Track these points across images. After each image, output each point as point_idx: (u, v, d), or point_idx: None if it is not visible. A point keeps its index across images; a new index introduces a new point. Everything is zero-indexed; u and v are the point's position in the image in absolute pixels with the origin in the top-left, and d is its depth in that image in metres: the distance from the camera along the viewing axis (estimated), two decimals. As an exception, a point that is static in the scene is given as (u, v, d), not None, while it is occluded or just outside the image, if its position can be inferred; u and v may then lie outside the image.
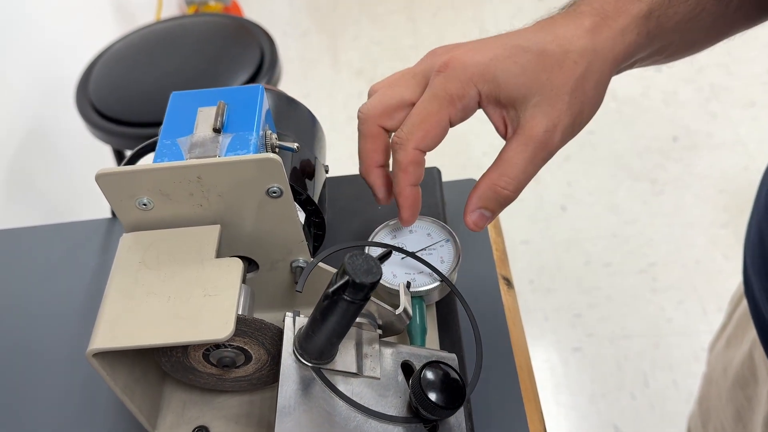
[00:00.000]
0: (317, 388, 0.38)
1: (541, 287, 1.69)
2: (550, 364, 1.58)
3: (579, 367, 1.55)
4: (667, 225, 1.74)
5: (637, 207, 1.81)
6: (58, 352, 0.56)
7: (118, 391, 0.41)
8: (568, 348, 1.59)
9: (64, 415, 0.52)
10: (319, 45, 2.42)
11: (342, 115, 2.16)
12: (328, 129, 2.27)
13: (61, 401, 0.53)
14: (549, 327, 1.63)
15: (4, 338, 0.59)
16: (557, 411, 1.51)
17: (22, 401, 0.54)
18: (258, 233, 0.45)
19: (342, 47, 2.39)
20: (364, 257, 0.34)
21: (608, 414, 1.48)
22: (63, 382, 0.54)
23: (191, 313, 0.39)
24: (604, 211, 1.83)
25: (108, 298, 0.40)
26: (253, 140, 0.43)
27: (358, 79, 2.26)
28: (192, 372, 0.45)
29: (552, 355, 1.58)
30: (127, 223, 0.43)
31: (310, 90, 2.25)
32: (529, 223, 1.83)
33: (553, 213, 1.85)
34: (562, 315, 1.63)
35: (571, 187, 1.90)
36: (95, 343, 0.38)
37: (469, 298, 0.55)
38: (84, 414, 0.52)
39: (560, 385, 1.54)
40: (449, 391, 0.37)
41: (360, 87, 2.23)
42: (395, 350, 0.42)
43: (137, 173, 0.40)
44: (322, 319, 0.36)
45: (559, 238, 1.79)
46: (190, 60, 1.22)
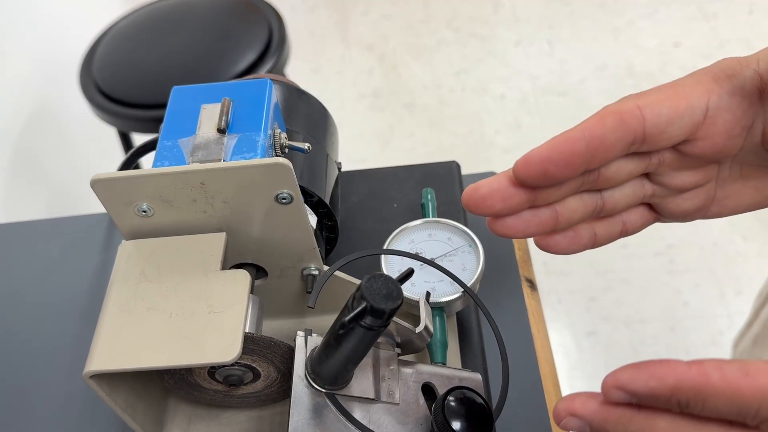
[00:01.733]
0: (331, 416, 0.35)
1: (555, 269, 1.66)
2: (564, 348, 1.55)
3: (593, 352, 1.53)
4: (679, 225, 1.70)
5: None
6: (60, 350, 0.54)
7: (118, 410, 0.38)
8: (582, 332, 1.57)
9: (65, 418, 0.50)
10: (328, 20, 2.36)
11: (352, 91, 2.11)
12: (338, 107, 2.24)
13: (61, 403, 0.50)
14: (563, 310, 1.61)
15: (5, 333, 0.56)
16: (572, 396, 1.48)
17: (20, 402, 0.51)
18: (266, 240, 0.42)
19: (352, 22, 2.33)
20: (384, 279, 0.31)
21: (623, 400, 1.45)
22: (64, 382, 0.52)
23: (195, 332, 0.36)
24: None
25: (106, 314, 0.37)
26: (261, 141, 0.39)
27: (368, 55, 2.21)
28: (197, 389, 0.42)
29: (566, 339, 1.56)
30: (126, 230, 0.40)
31: (319, 66, 2.20)
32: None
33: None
34: (576, 298, 1.60)
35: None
36: (92, 365, 0.35)
37: (490, 303, 0.52)
38: (85, 418, 0.49)
39: (575, 369, 1.52)
40: (474, 419, 0.34)
41: (371, 63, 2.17)
42: (415, 370, 0.39)
43: (135, 179, 0.37)
44: (337, 345, 0.33)
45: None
46: (197, 38, 1.18)
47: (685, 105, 0.30)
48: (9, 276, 0.61)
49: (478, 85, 2.05)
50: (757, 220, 1.64)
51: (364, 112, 2.06)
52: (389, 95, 2.08)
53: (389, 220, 0.52)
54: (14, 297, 0.59)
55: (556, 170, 0.29)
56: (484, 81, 2.05)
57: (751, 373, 0.24)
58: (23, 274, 0.60)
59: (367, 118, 2.04)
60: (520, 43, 2.13)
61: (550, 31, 2.15)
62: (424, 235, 0.47)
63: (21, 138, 1.27)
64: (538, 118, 1.93)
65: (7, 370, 0.54)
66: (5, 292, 0.59)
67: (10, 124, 1.26)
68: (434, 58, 2.15)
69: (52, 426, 0.50)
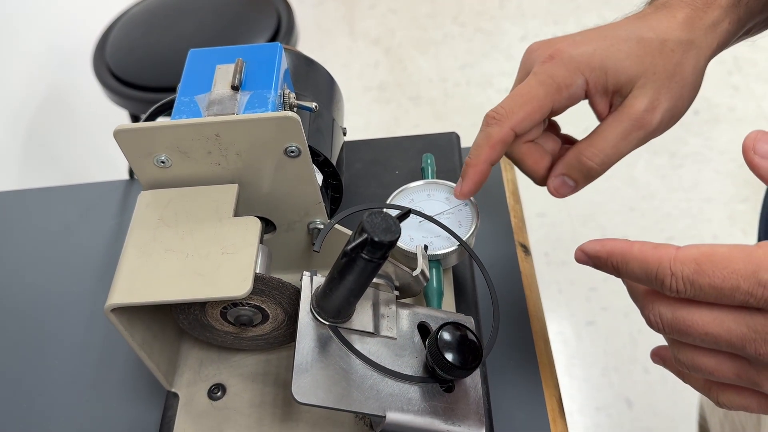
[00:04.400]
0: (334, 347, 0.38)
1: (556, 259, 1.68)
2: (563, 336, 1.58)
3: (592, 341, 1.55)
4: (685, 200, 1.72)
5: (656, 181, 1.78)
6: (77, 309, 0.57)
7: (135, 346, 0.41)
8: (582, 321, 1.59)
9: (82, 370, 0.53)
10: (335, 13, 2.39)
11: (358, 84, 2.14)
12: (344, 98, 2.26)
13: (80, 357, 0.54)
14: (563, 300, 1.63)
15: (25, 295, 0.59)
16: (570, 383, 1.51)
17: (42, 356, 0.54)
18: (275, 193, 0.45)
19: (358, 16, 2.36)
20: (383, 216, 0.34)
21: (621, 387, 1.48)
22: (82, 339, 0.55)
23: (209, 270, 0.39)
24: (622, 184, 1.81)
25: (126, 254, 0.40)
26: (272, 98, 0.42)
27: (374, 48, 2.24)
28: (209, 330, 0.45)
29: (565, 328, 1.58)
30: (146, 180, 0.43)
31: (326, 59, 2.21)
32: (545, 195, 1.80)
33: (570, 186, 1.83)
34: (576, 288, 1.63)
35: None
36: (113, 299, 0.38)
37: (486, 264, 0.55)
38: (102, 370, 0.52)
39: (573, 357, 1.54)
40: (466, 352, 0.37)
41: (377, 56, 2.20)
42: (412, 311, 0.42)
43: (155, 130, 0.40)
44: (340, 278, 0.36)
45: (575, 211, 1.77)
46: (207, 25, 1.21)
47: (539, 116, 0.43)
48: (30, 237, 0.64)
49: (483, 79, 2.07)
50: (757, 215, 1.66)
51: (369, 105, 2.09)
52: (395, 88, 2.11)
53: (391, 186, 0.55)
54: (34, 256, 0.62)
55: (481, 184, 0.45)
56: (488, 75, 2.08)
57: (660, 247, 0.32)
58: (43, 236, 0.64)
59: (373, 110, 2.07)
60: (526, 37, 2.16)
61: (556, 27, 2.17)
62: (423, 195, 0.50)
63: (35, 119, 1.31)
64: (541, 112, 1.95)
65: (29, 322, 0.57)
66: (26, 252, 0.63)
67: (25, 105, 1.29)
68: (440, 52, 2.18)
69: (69, 370, 0.53)
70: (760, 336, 0.30)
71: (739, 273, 0.29)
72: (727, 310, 0.31)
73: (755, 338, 0.30)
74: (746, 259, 0.30)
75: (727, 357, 0.33)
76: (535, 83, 0.42)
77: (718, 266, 0.30)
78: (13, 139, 1.26)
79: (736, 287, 0.30)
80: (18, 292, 0.60)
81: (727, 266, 0.30)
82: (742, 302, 0.30)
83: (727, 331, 0.31)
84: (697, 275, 0.31)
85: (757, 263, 0.29)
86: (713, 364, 0.33)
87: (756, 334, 0.30)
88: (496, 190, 0.61)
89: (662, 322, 0.33)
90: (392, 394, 0.37)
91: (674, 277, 0.31)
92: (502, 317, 0.53)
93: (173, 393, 0.46)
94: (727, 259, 0.30)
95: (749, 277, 0.29)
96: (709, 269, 0.30)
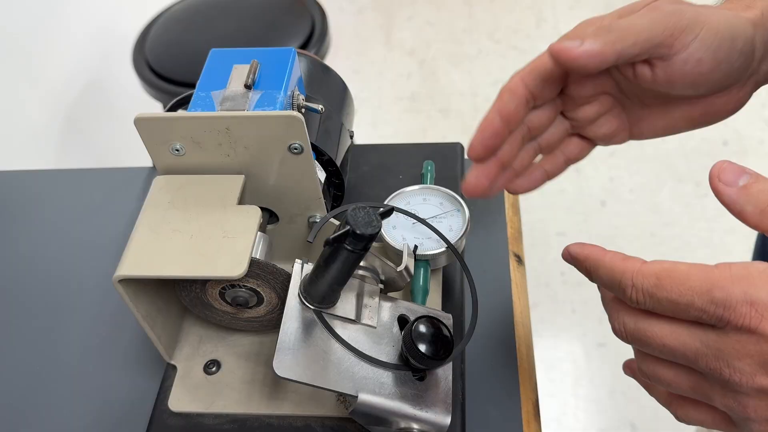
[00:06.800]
0: (317, 330, 0.41)
1: (571, 279, 1.69)
2: (572, 356, 1.58)
3: (602, 363, 1.56)
4: (707, 229, 1.72)
5: (679, 209, 1.78)
6: (93, 283, 0.61)
7: (139, 317, 0.45)
8: (593, 342, 1.60)
9: (93, 339, 0.57)
10: (373, 23, 2.44)
11: (390, 93, 2.17)
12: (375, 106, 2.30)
13: (92, 328, 0.58)
14: (576, 320, 1.64)
15: (47, 267, 0.64)
16: (575, 404, 1.52)
17: (57, 324, 0.59)
18: (279, 187, 0.48)
19: (396, 26, 2.40)
20: (366, 211, 0.37)
21: (626, 411, 1.48)
22: (96, 311, 0.59)
23: (210, 251, 0.42)
24: (645, 210, 1.81)
25: (137, 232, 0.44)
26: (280, 98, 0.46)
27: (409, 59, 2.28)
28: (209, 308, 0.48)
29: (575, 348, 1.59)
30: (161, 166, 0.47)
31: (361, 66, 2.27)
32: (566, 215, 1.83)
33: (592, 207, 1.84)
34: (590, 309, 1.63)
35: (613, 183, 1.89)
36: (121, 270, 0.42)
37: (478, 270, 0.58)
38: (111, 341, 0.57)
39: (581, 378, 1.55)
40: (438, 344, 0.40)
41: (410, 67, 2.24)
42: (394, 304, 0.45)
43: (172, 120, 0.44)
44: (325, 266, 0.39)
45: (595, 232, 1.78)
46: (244, 25, 1.26)
47: (550, 67, 0.41)
48: (58, 215, 0.68)
49: (513, 96, 2.09)
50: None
51: (400, 114, 2.12)
52: (426, 99, 2.14)
53: (393, 189, 0.58)
54: (60, 233, 0.67)
55: (491, 142, 0.42)
56: (519, 92, 2.10)
57: (629, 259, 0.34)
58: (70, 214, 0.68)
59: (403, 119, 2.10)
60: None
61: (590, 49, 2.18)
62: (419, 198, 0.53)
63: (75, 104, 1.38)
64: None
65: (49, 292, 0.61)
66: (52, 228, 0.67)
67: (67, 91, 1.36)
68: (473, 67, 2.21)
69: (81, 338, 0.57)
70: (711, 351, 0.32)
71: (694, 290, 0.32)
72: (684, 325, 0.33)
73: (707, 353, 0.32)
74: (703, 278, 0.32)
75: (684, 370, 0.35)
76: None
77: (675, 282, 0.32)
78: (54, 121, 1.32)
79: (690, 303, 0.32)
80: (41, 264, 0.64)
81: (684, 283, 0.32)
82: (696, 318, 0.32)
83: (683, 345, 0.33)
84: (656, 289, 0.33)
85: (712, 282, 0.31)
86: (671, 375, 0.35)
87: (708, 349, 0.32)
88: (497, 202, 0.64)
89: (625, 331, 0.36)
90: (366, 377, 0.40)
91: (635, 289, 0.34)
92: (488, 321, 0.55)
93: (172, 365, 0.50)
94: (685, 276, 0.32)
95: (703, 294, 0.31)
96: (667, 284, 0.33)
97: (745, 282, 0.31)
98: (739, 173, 0.35)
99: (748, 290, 0.31)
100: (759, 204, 0.34)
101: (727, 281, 0.31)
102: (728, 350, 0.31)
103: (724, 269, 0.32)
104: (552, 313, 1.67)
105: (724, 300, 0.31)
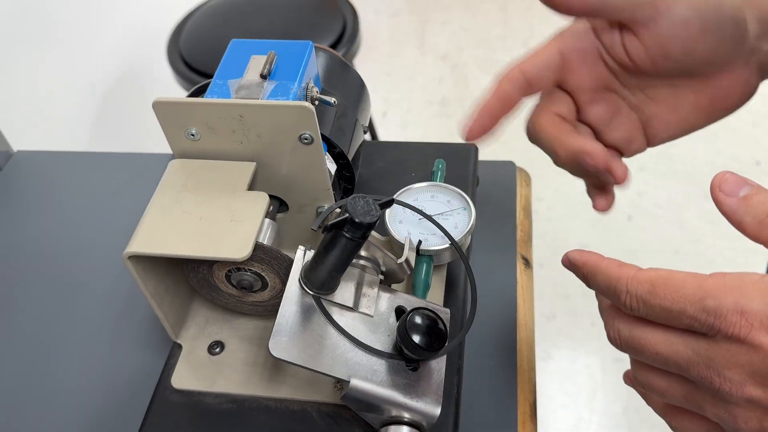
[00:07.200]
0: (315, 315, 0.42)
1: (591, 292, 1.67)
2: (589, 369, 1.57)
3: (618, 377, 1.54)
4: (731, 249, 1.69)
5: (706, 226, 1.76)
6: (110, 263, 0.63)
7: (147, 294, 0.47)
8: (610, 357, 1.58)
9: (105, 316, 0.59)
10: (408, 26, 2.45)
11: (420, 97, 2.18)
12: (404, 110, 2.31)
13: (105, 305, 0.60)
14: (595, 333, 1.63)
15: (67, 245, 0.66)
16: (589, 417, 1.50)
17: (73, 299, 0.61)
18: (290, 176, 0.49)
19: (430, 31, 2.41)
20: (366, 200, 0.38)
21: (639, 428, 1.46)
22: (110, 289, 0.61)
23: (217, 233, 0.44)
24: (670, 226, 1.79)
25: (149, 212, 0.46)
26: (294, 89, 0.47)
27: (441, 63, 2.28)
28: (215, 290, 0.50)
29: (593, 361, 1.58)
30: (176, 150, 0.49)
31: (393, 69, 2.29)
32: (591, 227, 1.82)
33: (617, 221, 1.83)
34: (609, 323, 1.62)
35: (641, 198, 1.87)
36: (131, 247, 0.43)
37: (484, 270, 0.59)
38: (122, 318, 0.58)
39: (596, 391, 1.53)
40: (432, 336, 0.40)
41: (442, 71, 2.25)
42: (393, 296, 0.45)
43: (188, 105, 0.45)
44: (324, 253, 0.40)
45: (619, 246, 1.76)
46: (277, 23, 1.28)
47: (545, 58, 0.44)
48: (84, 194, 0.71)
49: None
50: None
51: (430, 119, 2.13)
52: (456, 104, 2.15)
53: (405, 185, 0.59)
54: (83, 212, 0.69)
55: (488, 123, 0.45)
56: (550, 101, 2.09)
57: (625, 266, 0.35)
58: (94, 195, 0.71)
59: (432, 124, 2.11)
60: (592, 69, 2.16)
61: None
62: (427, 195, 0.54)
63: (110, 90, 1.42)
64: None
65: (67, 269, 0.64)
66: (76, 207, 0.70)
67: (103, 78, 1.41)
68: (505, 74, 2.20)
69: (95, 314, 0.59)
70: (702, 360, 0.32)
71: (687, 298, 0.32)
72: (677, 333, 0.33)
73: (698, 362, 0.32)
74: (696, 286, 0.32)
75: (677, 378, 0.35)
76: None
77: (669, 289, 0.33)
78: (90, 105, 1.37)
79: (682, 311, 0.32)
80: (61, 241, 0.66)
81: (678, 290, 0.32)
82: (688, 326, 0.32)
83: (675, 353, 0.33)
84: (650, 296, 0.33)
85: (706, 291, 0.32)
86: (665, 384, 0.36)
87: (699, 357, 0.32)
88: (508, 205, 0.65)
89: (620, 338, 0.36)
90: (359, 363, 0.41)
91: (629, 295, 0.34)
92: (492, 321, 0.56)
93: (178, 344, 0.52)
94: (679, 284, 0.33)
95: (696, 302, 0.32)
96: (661, 291, 0.33)
97: (737, 291, 0.31)
98: (740, 184, 0.35)
99: (740, 300, 0.31)
100: (758, 215, 0.35)
101: (719, 290, 0.32)
102: (719, 359, 0.32)
103: (718, 278, 0.32)
104: (570, 326, 1.66)
105: (715, 308, 0.31)
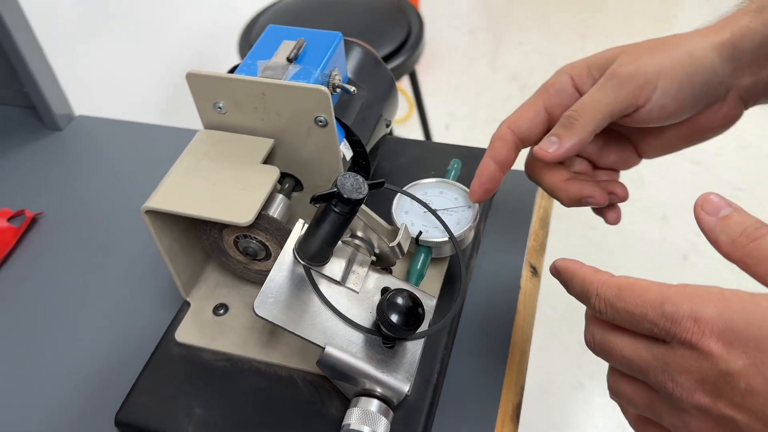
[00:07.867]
0: (302, 284, 0.45)
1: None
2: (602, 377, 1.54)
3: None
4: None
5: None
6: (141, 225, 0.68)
7: (162, 249, 0.50)
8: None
9: (130, 271, 0.63)
10: (482, 44, 2.47)
11: (483, 114, 2.19)
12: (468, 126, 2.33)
13: (131, 262, 0.64)
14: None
15: (108, 204, 0.71)
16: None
17: (104, 253, 0.66)
18: (305, 157, 0.52)
19: (504, 49, 2.42)
20: (356, 178, 0.40)
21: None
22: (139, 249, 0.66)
23: (227, 199, 0.47)
24: (727, 271, 1.72)
25: (171, 173, 0.50)
26: (315, 75, 0.50)
27: (511, 83, 2.29)
28: (224, 255, 0.53)
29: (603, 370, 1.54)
30: (205, 121, 0.53)
31: (461, 83, 2.30)
32: (643, 260, 1.78)
33: (672, 259, 1.78)
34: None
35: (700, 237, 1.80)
36: (148, 203, 0.47)
37: (488, 275, 0.60)
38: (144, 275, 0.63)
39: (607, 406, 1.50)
40: (409, 317, 0.42)
41: (510, 91, 2.25)
42: (382, 277, 0.48)
43: (216, 79, 0.49)
44: (315, 225, 0.43)
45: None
46: (345, 25, 1.33)
47: (531, 113, 0.48)
48: (131, 160, 0.76)
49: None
50: None
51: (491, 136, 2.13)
52: (520, 125, 2.14)
53: (422, 182, 0.61)
54: (131, 178, 0.74)
55: (490, 186, 0.51)
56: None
57: (599, 272, 0.37)
58: (146, 163, 0.76)
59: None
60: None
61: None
62: (436, 191, 0.56)
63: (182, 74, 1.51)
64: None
65: (103, 226, 0.69)
66: (126, 173, 0.75)
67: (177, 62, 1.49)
68: (574, 100, 2.19)
69: (120, 269, 0.64)
70: (660, 364, 0.33)
71: (649, 303, 0.33)
72: (641, 338, 0.35)
73: (656, 366, 0.34)
74: (659, 293, 0.33)
75: (641, 386, 0.36)
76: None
77: (633, 294, 0.34)
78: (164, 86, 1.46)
79: (644, 315, 0.33)
80: (103, 201, 0.72)
81: (641, 296, 0.34)
82: (649, 331, 0.34)
83: (638, 357, 0.35)
84: (616, 299, 0.35)
85: (666, 296, 0.33)
86: (630, 390, 0.37)
87: (657, 362, 0.34)
88: (525, 212, 0.66)
89: (593, 342, 0.37)
90: (337, 333, 0.43)
91: (598, 298, 0.36)
92: (486, 322, 0.57)
93: (187, 302, 0.55)
94: (643, 290, 0.34)
95: (656, 308, 0.33)
96: (626, 295, 0.34)
97: (695, 299, 0.32)
98: (722, 205, 0.37)
99: (695, 307, 0.32)
100: (731, 234, 0.35)
101: (679, 297, 0.33)
102: (673, 364, 0.33)
103: (681, 287, 0.33)
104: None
105: (672, 314, 0.32)
